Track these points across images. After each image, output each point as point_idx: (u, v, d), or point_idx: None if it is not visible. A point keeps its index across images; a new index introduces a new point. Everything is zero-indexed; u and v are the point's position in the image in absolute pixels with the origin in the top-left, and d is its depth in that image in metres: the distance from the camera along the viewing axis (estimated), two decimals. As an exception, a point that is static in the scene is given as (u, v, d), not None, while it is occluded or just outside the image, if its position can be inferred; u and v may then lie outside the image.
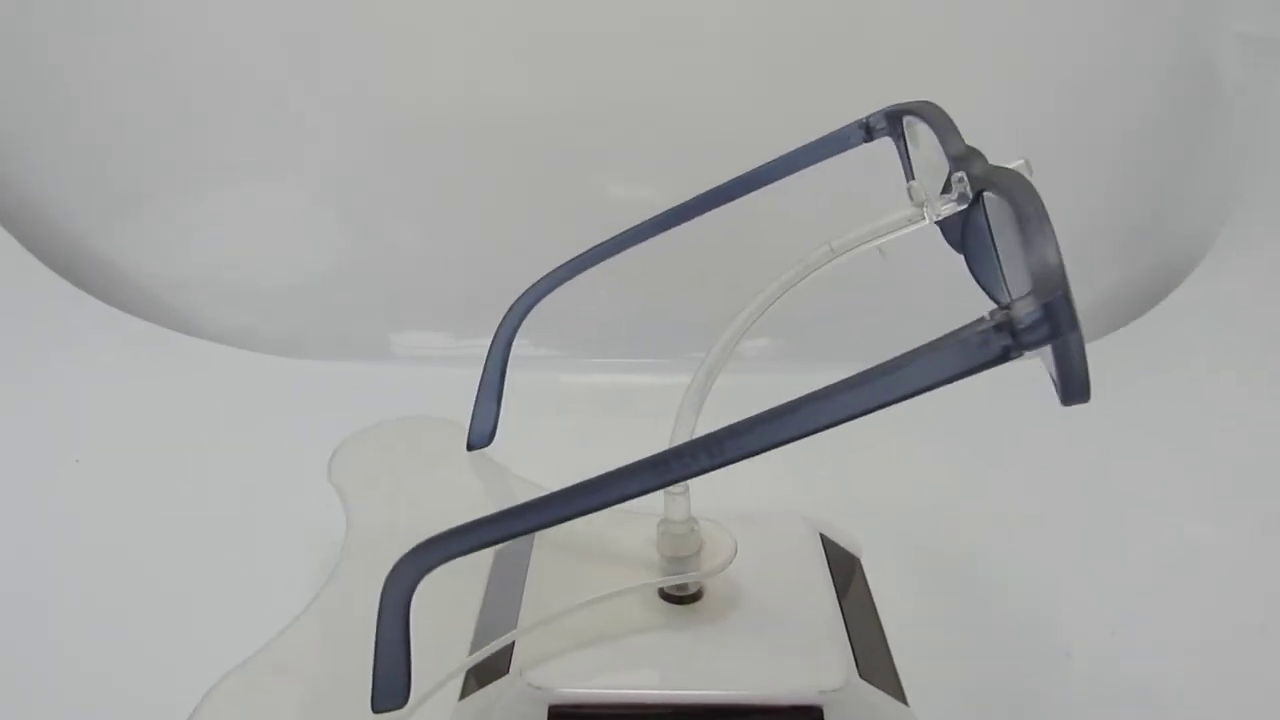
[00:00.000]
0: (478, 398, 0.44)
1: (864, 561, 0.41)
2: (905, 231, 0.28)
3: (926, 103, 0.29)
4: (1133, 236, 0.64)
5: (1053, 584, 0.43)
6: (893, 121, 0.31)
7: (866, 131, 0.33)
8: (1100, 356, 0.64)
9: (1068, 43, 0.58)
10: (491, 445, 0.44)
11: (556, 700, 0.31)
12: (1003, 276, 0.24)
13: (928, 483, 0.51)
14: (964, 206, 0.25)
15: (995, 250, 0.24)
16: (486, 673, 0.33)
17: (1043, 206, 0.20)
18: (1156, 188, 0.63)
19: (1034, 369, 0.28)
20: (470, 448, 0.45)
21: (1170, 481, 0.51)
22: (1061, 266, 0.19)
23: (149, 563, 0.44)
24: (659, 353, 0.61)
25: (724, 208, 0.34)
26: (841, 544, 0.41)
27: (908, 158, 0.31)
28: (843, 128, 0.33)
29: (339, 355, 0.63)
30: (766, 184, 0.35)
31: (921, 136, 0.29)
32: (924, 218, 0.28)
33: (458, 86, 0.61)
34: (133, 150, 0.62)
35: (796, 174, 0.35)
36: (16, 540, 0.46)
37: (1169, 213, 0.63)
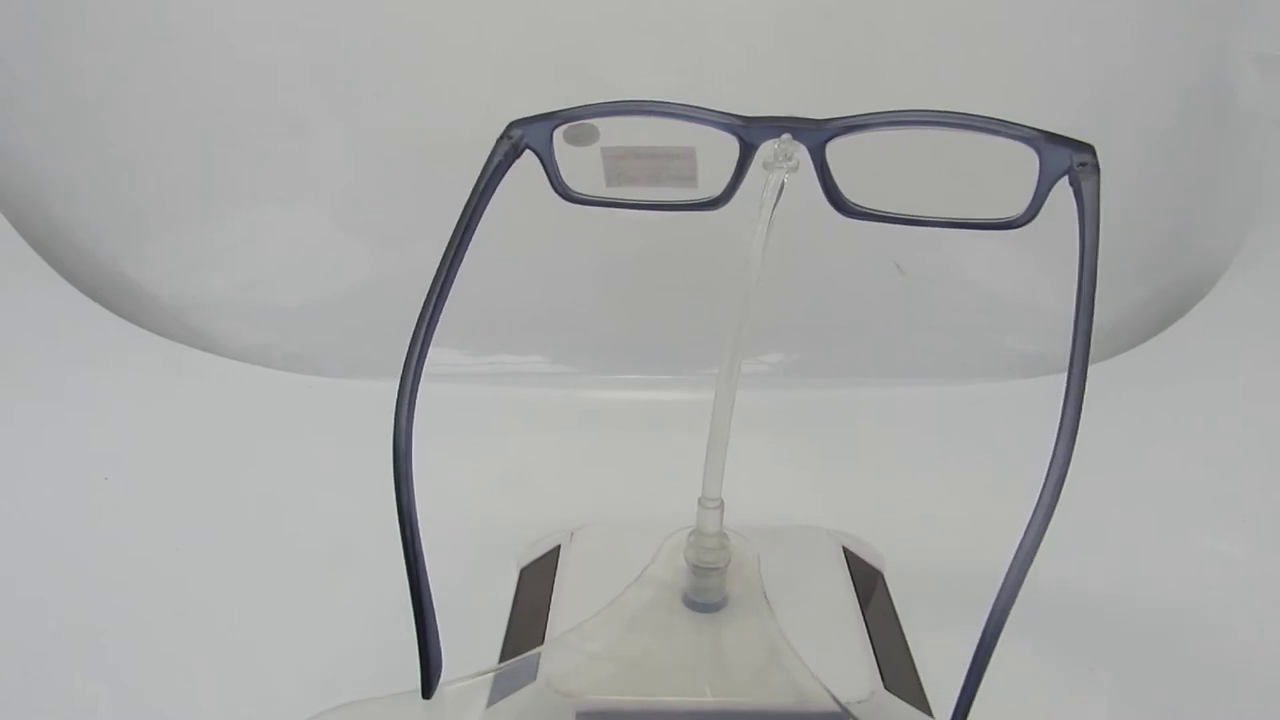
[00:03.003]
0: (420, 626, 0.32)
1: (887, 575, 0.41)
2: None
3: (631, 101, 0.33)
4: (1152, 255, 0.64)
5: (1077, 598, 0.43)
6: (534, 131, 0.33)
7: (514, 148, 0.33)
8: (1122, 372, 0.64)
9: (1084, 65, 0.58)
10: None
11: (584, 707, 0.31)
12: (840, 193, 0.31)
13: (951, 498, 0.51)
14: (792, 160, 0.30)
15: (834, 180, 0.30)
16: (514, 680, 0.33)
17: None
18: (1175, 207, 0.63)
19: (1056, 386, 0.29)
20: (431, 687, 0.33)
21: (1193, 496, 0.50)
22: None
23: (172, 574, 0.45)
24: (679, 368, 0.61)
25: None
26: (865, 558, 0.41)
27: (554, 161, 0.33)
28: (491, 152, 0.34)
29: (355, 373, 0.64)
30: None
31: (624, 130, 0.33)
32: (785, 174, 0.30)
33: (476, 108, 0.61)
34: (157, 176, 0.63)
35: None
36: (52, 555, 0.46)
37: (1187, 231, 0.63)
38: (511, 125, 0.33)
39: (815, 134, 0.30)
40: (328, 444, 0.57)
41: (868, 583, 0.40)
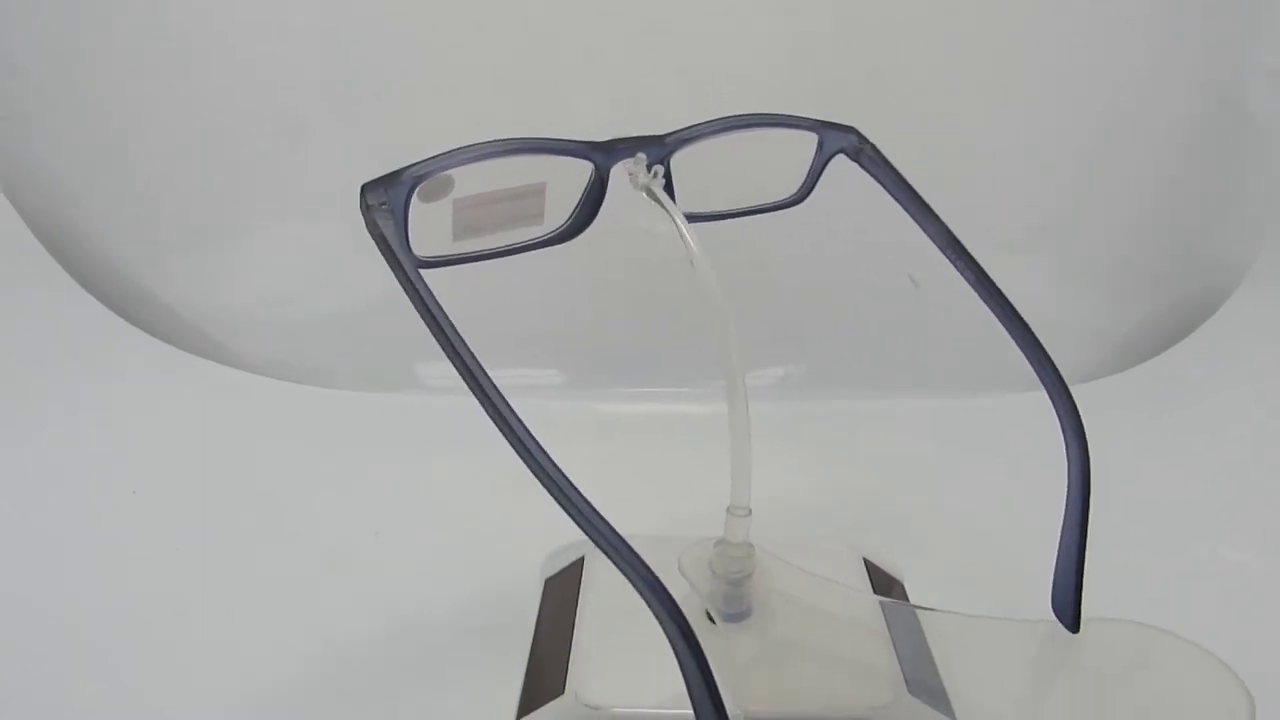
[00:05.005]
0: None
1: (907, 584, 0.42)
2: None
3: (486, 143, 0.32)
4: (1166, 267, 0.64)
5: (1096, 609, 0.43)
6: (393, 189, 0.30)
7: (390, 212, 0.30)
8: (1136, 385, 0.64)
9: (1099, 79, 0.58)
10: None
11: (611, 719, 0.31)
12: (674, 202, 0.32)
13: (967, 508, 0.51)
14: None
15: (670, 186, 0.32)
16: (542, 693, 0.33)
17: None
18: (1189, 220, 0.63)
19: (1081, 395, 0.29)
20: None
21: (1206, 509, 0.51)
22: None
23: (186, 584, 0.45)
24: (696, 380, 0.61)
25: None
26: (884, 568, 0.42)
27: (404, 226, 0.30)
28: (375, 234, 0.31)
29: (368, 386, 0.64)
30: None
31: (487, 171, 0.32)
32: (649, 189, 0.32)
33: (486, 125, 0.61)
34: (178, 193, 0.64)
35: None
36: (63, 562, 0.46)
37: (1202, 244, 0.64)
38: (367, 193, 0.30)
39: (660, 149, 0.32)
40: (341, 453, 0.57)
41: (887, 592, 0.40)
